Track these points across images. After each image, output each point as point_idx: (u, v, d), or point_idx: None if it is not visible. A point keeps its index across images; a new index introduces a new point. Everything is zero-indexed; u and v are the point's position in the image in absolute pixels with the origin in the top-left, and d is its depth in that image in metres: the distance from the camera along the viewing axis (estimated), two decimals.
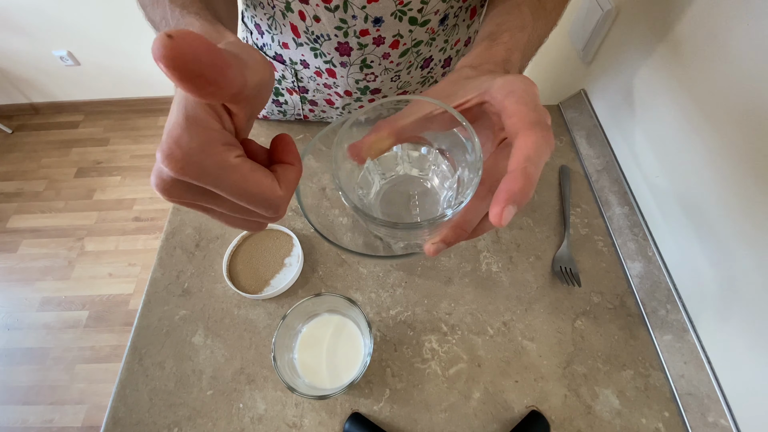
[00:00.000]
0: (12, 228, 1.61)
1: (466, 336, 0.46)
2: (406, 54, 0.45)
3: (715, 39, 0.37)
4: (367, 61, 0.45)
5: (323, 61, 0.46)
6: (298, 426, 0.41)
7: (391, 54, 0.45)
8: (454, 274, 0.49)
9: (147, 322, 0.47)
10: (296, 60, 0.49)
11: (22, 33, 1.59)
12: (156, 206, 1.65)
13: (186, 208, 0.25)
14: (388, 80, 0.49)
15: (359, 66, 0.46)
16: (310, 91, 0.54)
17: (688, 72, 0.41)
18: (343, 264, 0.51)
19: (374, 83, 0.49)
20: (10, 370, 1.31)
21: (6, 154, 1.84)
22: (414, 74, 0.50)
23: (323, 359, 0.42)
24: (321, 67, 0.48)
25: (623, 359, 0.44)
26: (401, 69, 0.48)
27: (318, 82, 0.51)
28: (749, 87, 0.34)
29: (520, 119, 0.21)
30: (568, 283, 0.48)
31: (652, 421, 0.41)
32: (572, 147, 0.60)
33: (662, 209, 0.47)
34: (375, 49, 0.44)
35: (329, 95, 0.53)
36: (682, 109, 0.42)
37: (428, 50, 0.47)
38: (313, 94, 0.55)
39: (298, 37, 0.45)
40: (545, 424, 0.40)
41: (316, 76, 0.50)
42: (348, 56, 0.45)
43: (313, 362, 0.42)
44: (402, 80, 0.50)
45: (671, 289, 0.44)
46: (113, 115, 1.95)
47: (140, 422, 0.42)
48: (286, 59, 0.50)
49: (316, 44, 0.44)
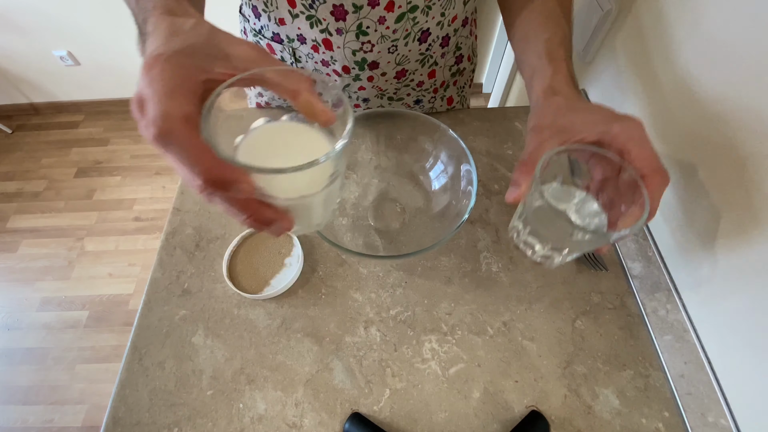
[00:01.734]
0: (12, 228, 1.61)
1: (466, 336, 0.46)
2: (403, 20, 0.45)
3: (715, 40, 0.37)
4: (363, 26, 0.45)
5: (319, 30, 0.46)
6: (298, 426, 0.41)
7: (387, 18, 0.45)
8: (454, 274, 0.49)
9: (147, 322, 0.47)
10: (293, 37, 0.49)
11: (22, 33, 1.59)
12: (156, 206, 1.65)
13: (186, 208, 0.26)
14: (386, 51, 0.49)
15: (355, 33, 0.46)
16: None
17: (688, 71, 0.41)
18: (343, 264, 0.51)
19: (371, 54, 0.49)
20: (10, 370, 1.31)
21: (6, 154, 1.84)
22: (412, 48, 0.49)
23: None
24: (318, 39, 0.48)
25: (623, 359, 0.44)
26: (398, 38, 0.47)
27: (316, 59, 0.51)
28: (749, 86, 0.34)
29: (647, 165, 0.29)
30: (594, 268, 0.48)
31: (652, 421, 0.41)
32: None
33: (662, 209, 0.47)
34: (370, 11, 0.44)
35: (328, 75, 0.54)
36: (683, 109, 0.42)
37: (425, 20, 0.47)
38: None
39: (293, 7, 0.45)
40: (545, 424, 0.40)
41: (314, 52, 0.50)
42: (344, 21, 0.45)
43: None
44: (400, 53, 0.49)
45: (671, 289, 0.44)
46: (113, 115, 1.95)
47: (140, 422, 0.42)
48: (283, 37, 0.50)
49: (312, 10, 0.45)
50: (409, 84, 0.56)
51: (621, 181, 0.31)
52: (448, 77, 0.59)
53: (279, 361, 0.44)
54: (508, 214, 0.54)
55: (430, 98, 0.61)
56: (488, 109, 0.65)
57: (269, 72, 0.24)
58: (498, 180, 0.57)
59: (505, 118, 0.63)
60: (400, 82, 0.55)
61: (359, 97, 0.57)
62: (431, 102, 0.61)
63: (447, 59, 0.56)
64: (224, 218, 0.54)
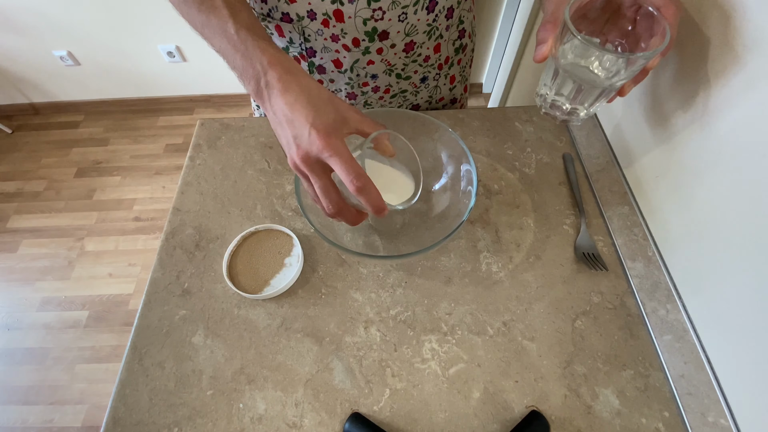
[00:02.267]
0: (12, 228, 1.61)
1: (466, 336, 0.46)
2: None
3: (713, 40, 0.37)
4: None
5: (330, 1, 0.47)
6: (298, 426, 0.41)
7: None
8: (454, 274, 0.49)
9: (147, 322, 0.47)
10: (302, 14, 0.50)
11: (22, 33, 1.59)
12: (156, 206, 1.65)
13: (186, 208, 0.28)
14: (396, 19, 0.50)
15: (367, 0, 0.47)
16: (317, 52, 0.55)
17: (688, 70, 0.41)
18: (343, 264, 0.51)
19: (382, 23, 0.50)
20: (10, 370, 1.31)
21: (6, 154, 1.84)
22: (420, 16, 0.51)
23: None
24: (329, 11, 0.48)
25: (623, 359, 0.44)
26: (408, 5, 0.48)
27: (325, 35, 0.52)
28: (750, 86, 0.34)
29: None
30: (594, 269, 0.48)
31: (652, 421, 0.41)
32: (572, 147, 0.60)
33: (662, 209, 0.47)
34: None
35: (337, 52, 0.54)
36: (684, 106, 0.42)
37: None
38: (320, 56, 0.55)
39: None
40: (545, 424, 0.40)
41: (323, 27, 0.51)
42: None
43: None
44: (409, 22, 0.51)
45: (671, 289, 0.44)
46: (113, 115, 1.95)
47: (140, 422, 0.42)
48: (293, 16, 0.51)
49: None
50: (417, 59, 0.57)
51: (638, 23, 0.35)
52: (452, 53, 0.60)
53: (279, 361, 0.44)
54: (508, 214, 0.54)
55: (435, 75, 0.62)
56: (488, 109, 0.65)
57: (377, 134, 0.36)
58: (498, 180, 0.57)
59: (505, 118, 0.63)
60: (409, 56, 0.56)
61: (368, 73, 0.57)
62: (435, 80, 0.62)
63: (451, 33, 0.57)
64: (224, 218, 0.54)
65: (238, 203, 0.56)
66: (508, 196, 0.55)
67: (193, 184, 0.57)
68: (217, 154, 0.60)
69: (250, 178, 0.58)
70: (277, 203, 0.55)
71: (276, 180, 0.58)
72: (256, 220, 0.54)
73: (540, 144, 0.60)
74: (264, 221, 0.54)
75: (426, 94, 0.64)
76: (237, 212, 0.55)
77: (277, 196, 0.56)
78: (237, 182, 0.57)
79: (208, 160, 0.60)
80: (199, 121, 0.64)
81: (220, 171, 0.59)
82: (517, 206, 0.54)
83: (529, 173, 0.57)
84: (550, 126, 0.62)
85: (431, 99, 0.65)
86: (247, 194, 0.56)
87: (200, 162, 0.60)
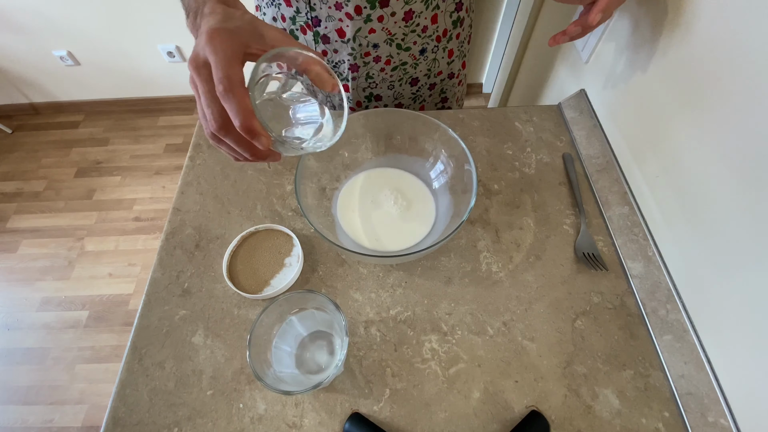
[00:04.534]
0: (12, 228, 1.61)
1: (466, 336, 0.46)
2: None
3: (714, 40, 0.37)
4: None
5: None
6: (298, 426, 0.41)
7: None
8: (454, 274, 0.49)
9: (147, 322, 0.47)
10: None
11: (22, 33, 1.59)
12: (156, 206, 1.65)
13: (186, 208, 0.28)
14: None
15: None
16: (322, 21, 0.56)
17: (688, 71, 0.41)
18: (343, 264, 0.51)
19: None
20: (10, 370, 1.31)
21: (6, 154, 1.84)
22: None
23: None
24: None
25: (623, 359, 0.44)
26: None
27: (329, 3, 0.53)
28: (750, 85, 0.34)
29: None
30: (594, 269, 0.48)
31: (652, 421, 0.41)
32: (572, 147, 0.60)
33: (662, 209, 0.47)
34: None
35: (340, 21, 0.55)
36: (682, 108, 0.42)
37: None
38: (325, 25, 0.57)
39: None
40: (545, 424, 0.40)
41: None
42: None
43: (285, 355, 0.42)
44: None
45: (671, 289, 0.44)
46: (113, 115, 1.95)
47: (140, 422, 0.42)
48: None
49: None
50: (415, 30, 0.58)
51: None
52: (450, 25, 0.61)
53: None
54: (508, 214, 0.54)
55: (434, 47, 0.62)
56: (488, 109, 0.65)
57: (292, 50, 0.32)
58: (498, 180, 0.57)
59: (505, 118, 0.63)
60: (408, 25, 0.57)
61: (369, 42, 0.58)
62: (434, 52, 0.63)
63: (447, 4, 0.57)
64: (224, 218, 0.54)
65: (238, 203, 0.56)
66: (508, 196, 0.55)
67: (193, 184, 0.57)
68: (217, 154, 0.60)
69: (250, 178, 0.58)
70: (277, 203, 0.56)
71: (276, 180, 0.58)
72: (256, 220, 0.54)
73: (540, 144, 0.60)
74: (264, 221, 0.54)
75: (425, 66, 0.64)
76: (237, 212, 0.55)
77: (277, 196, 0.56)
78: (237, 182, 0.58)
79: (208, 160, 0.60)
80: (199, 121, 0.64)
81: (220, 171, 0.59)
82: (517, 206, 0.54)
83: (529, 173, 0.57)
84: (550, 126, 0.62)
85: (430, 72, 0.66)
86: (247, 194, 0.56)
87: (200, 162, 0.60)
